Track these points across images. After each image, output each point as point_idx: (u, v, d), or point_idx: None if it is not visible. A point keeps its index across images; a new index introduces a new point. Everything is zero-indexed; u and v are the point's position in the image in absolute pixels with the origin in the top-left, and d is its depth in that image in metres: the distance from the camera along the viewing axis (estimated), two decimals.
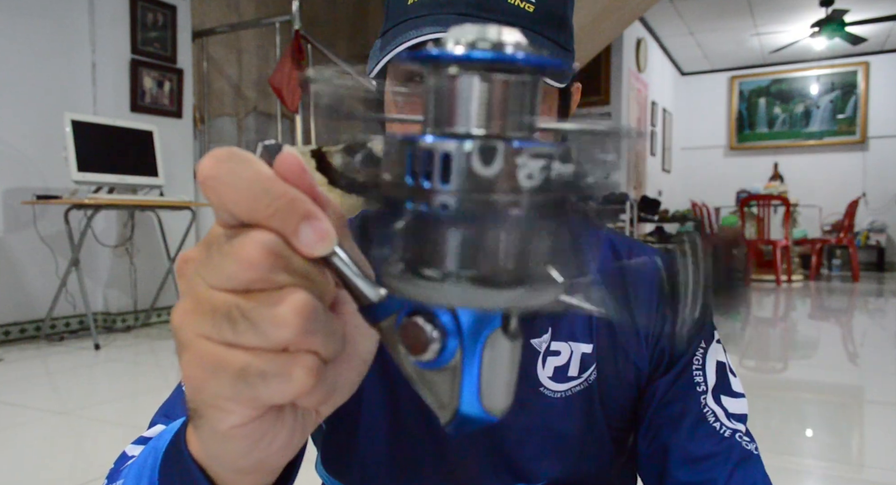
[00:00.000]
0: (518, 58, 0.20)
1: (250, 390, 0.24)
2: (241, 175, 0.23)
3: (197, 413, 0.27)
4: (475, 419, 0.24)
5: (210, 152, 0.24)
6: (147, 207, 3.70)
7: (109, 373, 2.97)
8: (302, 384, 0.24)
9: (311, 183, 0.25)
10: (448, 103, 0.21)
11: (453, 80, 0.21)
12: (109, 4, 3.91)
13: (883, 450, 1.99)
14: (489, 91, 0.20)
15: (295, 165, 0.24)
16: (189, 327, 0.25)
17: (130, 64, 4.01)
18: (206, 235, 0.26)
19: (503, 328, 0.23)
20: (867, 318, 4.79)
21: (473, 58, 0.20)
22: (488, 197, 0.20)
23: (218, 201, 0.24)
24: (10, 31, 3.52)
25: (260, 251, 0.23)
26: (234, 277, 0.24)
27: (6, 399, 2.45)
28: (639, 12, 5.23)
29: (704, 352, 0.60)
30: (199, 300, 0.24)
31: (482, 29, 0.21)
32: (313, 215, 0.24)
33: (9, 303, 3.52)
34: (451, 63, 0.20)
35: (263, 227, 0.24)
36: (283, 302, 0.24)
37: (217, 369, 0.24)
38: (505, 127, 0.21)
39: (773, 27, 7.77)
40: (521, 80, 0.21)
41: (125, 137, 3.64)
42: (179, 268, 0.26)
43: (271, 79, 4.44)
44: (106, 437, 2.07)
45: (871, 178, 8.55)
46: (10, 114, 3.52)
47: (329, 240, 0.24)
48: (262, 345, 0.24)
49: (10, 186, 3.54)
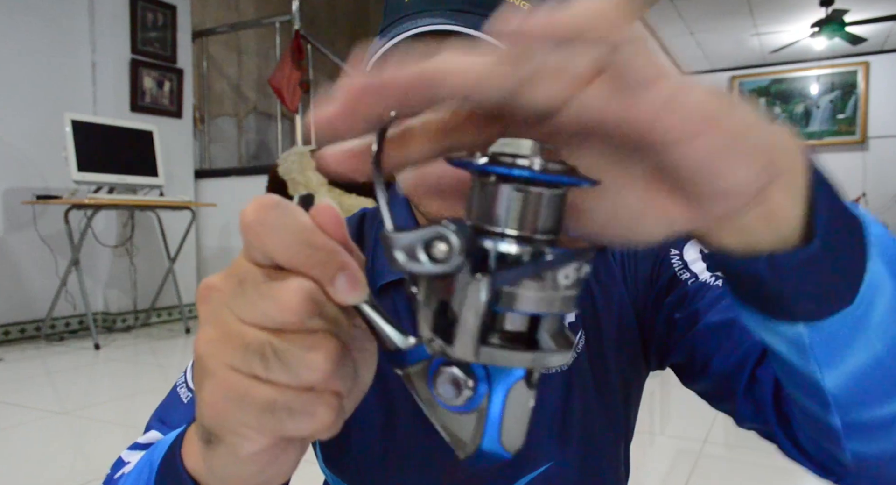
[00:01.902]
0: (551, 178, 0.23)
1: (276, 423, 0.26)
2: (286, 224, 0.25)
3: (217, 437, 0.28)
4: (493, 456, 0.26)
5: (256, 199, 0.26)
6: (147, 207, 3.70)
7: (109, 373, 2.97)
8: (324, 422, 0.26)
9: (345, 234, 0.27)
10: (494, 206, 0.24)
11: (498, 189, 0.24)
12: (109, 4, 3.91)
13: None
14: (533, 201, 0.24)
15: (333, 217, 0.26)
16: (216, 357, 0.26)
17: (130, 64, 4.02)
18: (233, 267, 0.27)
19: (526, 378, 0.26)
20: None
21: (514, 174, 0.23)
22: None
23: (260, 245, 0.25)
24: (10, 31, 3.52)
25: (300, 297, 0.25)
26: (271, 318, 0.25)
27: (6, 399, 2.45)
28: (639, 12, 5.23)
29: (680, 253, 0.60)
30: (229, 333, 0.26)
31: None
32: (348, 266, 0.26)
33: (9, 303, 3.52)
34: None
35: (301, 273, 0.25)
36: (318, 348, 0.25)
37: (244, 400, 0.26)
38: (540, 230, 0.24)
39: (773, 27, 7.78)
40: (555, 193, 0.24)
41: (125, 136, 3.64)
42: (203, 294, 0.27)
43: (271, 79, 4.45)
44: (106, 437, 2.07)
45: (871, 178, 8.55)
46: (10, 114, 3.52)
47: (362, 290, 0.26)
48: (292, 383, 0.25)
49: (10, 186, 3.54)
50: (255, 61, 5.58)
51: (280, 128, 5.16)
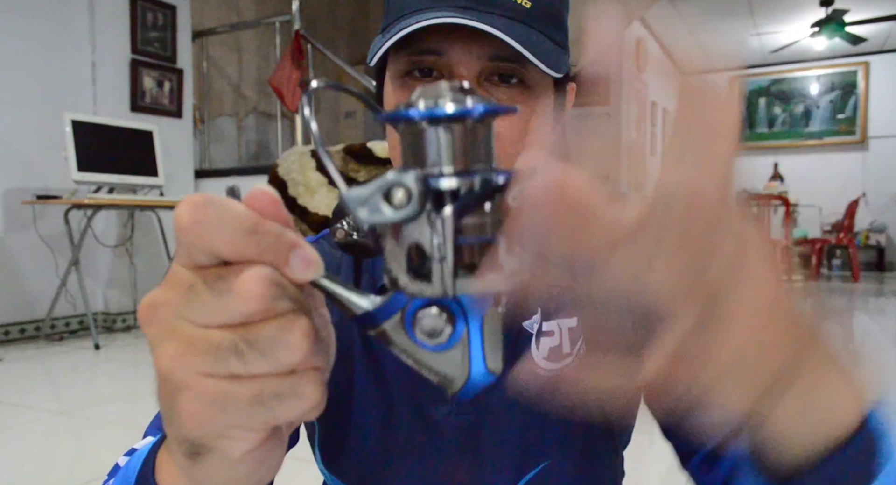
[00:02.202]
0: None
1: (267, 413, 0.26)
2: (225, 218, 0.24)
3: (204, 448, 0.27)
4: (482, 383, 0.28)
5: (184, 200, 0.25)
6: (147, 206, 3.70)
7: (109, 373, 2.97)
8: (314, 399, 0.26)
9: (285, 214, 0.27)
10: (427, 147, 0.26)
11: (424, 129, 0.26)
12: (109, 4, 3.91)
13: None
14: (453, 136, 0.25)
15: (269, 200, 0.26)
16: (185, 369, 0.25)
17: (130, 64, 4.01)
18: (171, 278, 0.26)
19: (494, 304, 0.27)
20: (867, 318, 4.79)
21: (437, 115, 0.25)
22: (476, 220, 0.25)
23: (202, 245, 0.25)
24: (10, 31, 3.52)
25: (262, 284, 0.24)
26: (235, 312, 0.25)
27: (6, 399, 2.45)
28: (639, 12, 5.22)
29: None
30: (192, 341, 0.25)
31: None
32: (299, 245, 0.26)
33: (9, 303, 3.52)
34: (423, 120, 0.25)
35: (253, 261, 0.25)
36: (293, 328, 0.25)
37: (228, 401, 0.25)
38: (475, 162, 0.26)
39: (773, 27, 7.78)
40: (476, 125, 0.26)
41: (125, 136, 3.64)
42: (146, 315, 0.26)
43: (271, 79, 4.45)
44: (106, 437, 2.07)
45: (871, 178, 8.55)
46: (10, 114, 3.52)
47: (317, 264, 0.26)
48: (274, 370, 0.25)
49: (10, 186, 3.54)
50: (255, 61, 5.58)
51: (280, 128, 5.16)
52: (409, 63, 0.54)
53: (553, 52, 0.54)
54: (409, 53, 0.54)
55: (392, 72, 0.56)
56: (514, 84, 0.54)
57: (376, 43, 0.55)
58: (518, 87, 0.55)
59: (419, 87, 0.25)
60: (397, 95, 0.56)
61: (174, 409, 0.26)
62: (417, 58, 0.54)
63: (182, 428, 0.27)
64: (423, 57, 0.54)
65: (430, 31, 0.51)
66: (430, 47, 0.53)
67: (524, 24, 0.53)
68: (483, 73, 0.54)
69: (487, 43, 0.52)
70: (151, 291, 0.27)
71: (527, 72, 0.54)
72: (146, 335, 0.27)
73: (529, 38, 0.51)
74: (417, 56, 0.54)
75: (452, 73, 0.54)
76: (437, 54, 0.53)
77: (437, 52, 0.53)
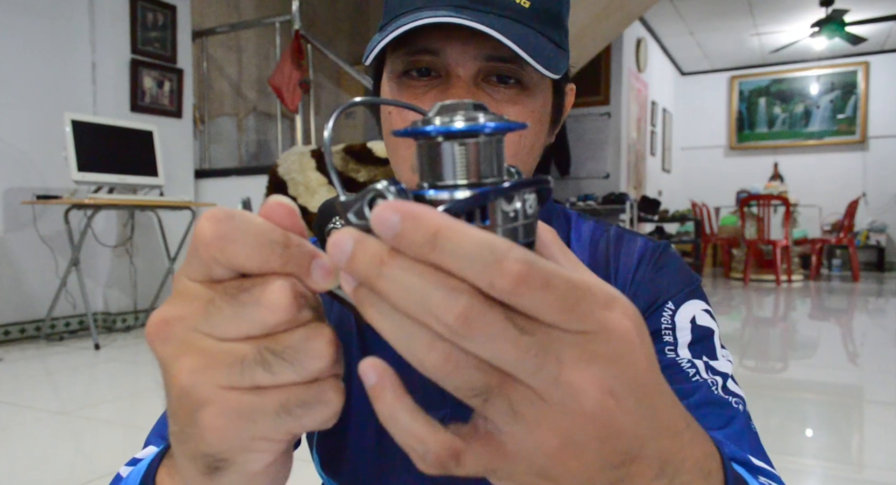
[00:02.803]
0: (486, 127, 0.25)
1: (294, 422, 0.26)
2: (248, 231, 0.25)
3: (225, 462, 0.27)
4: None
5: (205, 215, 0.25)
6: (147, 207, 3.70)
7: (109, 373, 2.97)
8: (337, 405, 0.27)
9: (302, 224, 0.27)
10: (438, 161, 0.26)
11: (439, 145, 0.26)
12: (109, 4, 3.91)
13: (883, 450, 1.99)
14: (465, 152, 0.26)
15: (287, 212, 0.26)
16: (208, 383, 0.25)
17: (130, 64, 4.02)
18: (183, 294, 0.26)
19: None
20: (867, 318, 4.79)
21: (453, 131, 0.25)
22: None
23: (225, 258, 0.25)
24: (10, 31, 3.52)
25: (288, 295, 0.25)
26: (261, 323, 0.25)
27: (6, 399, 2.45)
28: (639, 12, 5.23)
29: (673, 311, 0.58)
30: (214, 355, 0.25)
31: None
32: (318, 255, 0.26)
33: (9, 303, 3.52)
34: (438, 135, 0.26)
35: (276, 273, 0.25)
36: (318, 336, 0.25)
37: (254, 413, 0.25)
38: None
39: (773, 27, 7.78)
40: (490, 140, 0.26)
41: (125, 137, 3.64)
42: (159, 332, 0.26)
43: (271, 79, 4.45)
44: (106, 437, 2.07)
45: (871, 178, 8.55)
46: (10, 114, 3.52)
47: (336, 274, 0.26)
48: (300, 379, 0.25)
49: (10, 186, 3.54)
50: (255, 61, 5.58)
51: (280, 128, 5.16)
52: (406, 62, 0.54)
53: (551, 53, 0.53)
54: (406, 53, 0.54)
55: (389, 71, 0.56)
56: (511, 84, 0.54)
57: (373, 41, 0.55)
58: (516, 88, 0.54)
59: (437, 102, 0.26)
60: (394, 94, 0.56)
61: (195, 424, 0.26)
62: (414, 57, 0.54)
63: (203, 443, 0.27)
64: (420, 56, 0.53)
65: (428, 31, 0.51)
66: (427, 47, 0.53)
67: (522, 25, 0.52)
68: (480, 73, 0.53)
69: (485, 43, 0.51)
70: (158, 308, 0.27)
71: (525, 72, 0.53)
72: (157, 353, 0.27)
73: (527, 39, 0.51)
74: (414, 55, 0.54)
75: (450, 73, 0.53)
76: (434, 54, 0.53)
77: (434, 51, 0.53)
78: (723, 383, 0.53)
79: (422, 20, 0.49)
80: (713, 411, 0.51)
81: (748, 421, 0.52)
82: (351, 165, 3.44)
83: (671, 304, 0.58)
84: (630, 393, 0.23)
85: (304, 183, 3.51)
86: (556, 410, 0.23)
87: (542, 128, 0.58)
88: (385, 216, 0.21)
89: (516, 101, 0.54)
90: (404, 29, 0.50)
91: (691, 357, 0.55)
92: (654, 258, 0.61)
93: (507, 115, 0.54)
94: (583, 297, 0.22)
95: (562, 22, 0.57)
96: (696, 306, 0.59)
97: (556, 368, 0.22)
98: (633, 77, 7.29)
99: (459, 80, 0.53)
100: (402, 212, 0.21)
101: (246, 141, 5.58)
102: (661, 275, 0.60)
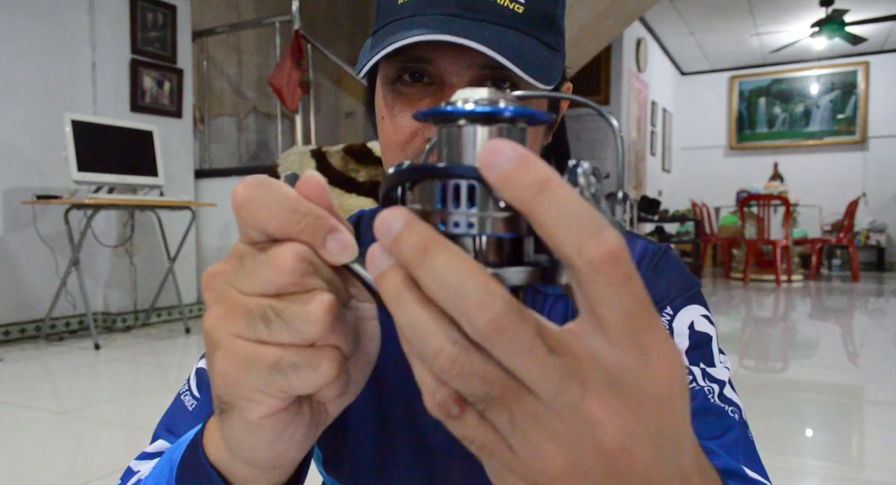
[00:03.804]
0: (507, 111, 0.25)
1: (284, 380, 0.28)
2: (273, 198, 0.27)
3: (228, 405, 0.30)
4: None
5: (243, 181, 0.28)
6: (147, 206, 3.70)
7: (109, 373, 2.97)
8: (328, 374, 0.28)
9: (330, 201, 0.29)
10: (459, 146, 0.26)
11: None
12: (109, 4, 3.91)
13: (883, 450, 1.99)
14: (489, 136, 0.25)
15: (317, 187, 0.29)
16: (222, 329, 0.28)
17: (130, 64, 4.02)
18: (232, 251, 0.29)
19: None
20: (867, 318, 4.79)
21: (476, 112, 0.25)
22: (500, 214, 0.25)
23: (252, 221, 0.28)
24: (10, 31, 3.52)
25: (294, 259, 0.27)
26: (270, 282, 0.27)
27: (6, 399, 2.45)
28: (639, 12, 5.23)
29: (672, 316, 0.57)
30: (233, 305, 0.28)
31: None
32: (337, 229, 0.28)
33: (9, 303, 3.52)
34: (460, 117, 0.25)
35: (294, 240, 0.28)
36: (314, 301, 0.27)
37: (251, 363, 0.28)
38: None
39: (773, 27, 7.78)
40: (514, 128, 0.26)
41: (125, 136, 3.64)
42: (207, 282, 0.30)
43: (271, 79, 4.45)
44: (106, 437, 2.07)
45: (871, 178, 8.55)
46: (10, 114, 3.52)
47: (351, 250, 0.28)
48: (294, 340, 0.27)
49: (10, 186, 3.54)
50: (255, 61, 5.58)
51: (280, 128, 5.16)
52: (399, 69, 0.54)
53: (545, 60, 0.53)
54: (399, 61, 0.54)
55: (383, 77, 0.56)
56: (506, 89, 0.54)
57: (364, 54, 0.55)
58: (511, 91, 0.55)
59: (458, 90, 0.26)
60: (388, 100, 0.56)
61: (212, 366, 0.29)
62: (408, 65, 0.54)
63: (214, 385, 0.30)
64: (414, 64, 0.54)
65: (420, 43, 0.51)
66: (420, 56, 0.53)
67: (516, 31, 0.52)
68: (474, 80, 0.54)
69: (477, 52, 0.51)
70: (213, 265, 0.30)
71: (519, 77, 0.53)
72: (205, 299, 0.30)
73: (521, 48, 0.51)
74: (408, 63, 0.54)
75: (443, 82, 0.54)
76: (428, 63, 0.53)
77: (428, 60, 0.53)
78: (719, 391, 0.53)
79: (412, 38, 0.49)
80: (708, 420, 0.50)
81: (744, 430, 0.52)
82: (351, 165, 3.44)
83: (670, 309, 0.58)
84: (652, 440, 0.22)
85: None
86: (567, 434, 0.22)
87: (539, 128, 0.58)
88: (495, 160, 0.21)
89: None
90: (394, 46, 0.50)
91: (688, 364, 0.55)
92: (654, 262, 0.60)
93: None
94: (641, 327, 0.21)
95: (556, 23, 0.57)
96: (695, 312, 0.58)
97: (578, 396, 0.21)
98: (633, 77, 7.29)
99: (453, 88, 0.53)
100: (517, 153, 0.21)
101: (246, 141, 5.58)
102: (661, 279, 0.59)
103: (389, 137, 0.56)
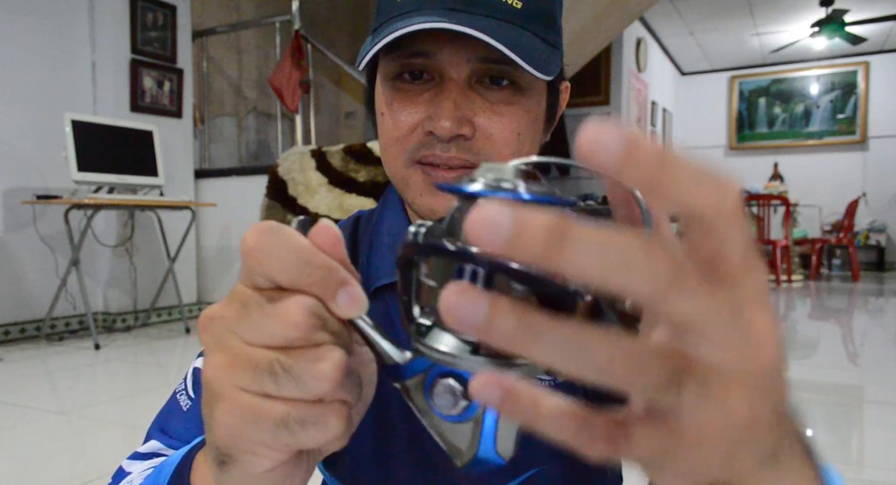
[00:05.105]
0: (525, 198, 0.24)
1: (290, 436, 0.27)
2: (284, 247, 0.26)
3: (231, 458, 0.29)
4: (489, 463, 0.27)
5: (253, 226, 0.27)
6: (147, 206, 3.70)
7: (109, 373, 2.97)
8: (336, 430, 0.28)
9: (344, 253, 0.28)
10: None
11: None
12: (109, 4, 3.91)
13: (883, 450, 1.99)
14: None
15: (331, 237, 0.28)
16: (226, 380, 0.27)
17: (130, 64, 4.02)
18: (232, 295, 0.28)
19: None
20: (867, 318, 4.79)
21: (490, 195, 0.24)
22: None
23: (261, 269, 0.27)
24: (10, 31, 3.52)
25: (304, 314, 0.26)
26: (277, 336, 0.26)
27: (6, 399, 2.45)
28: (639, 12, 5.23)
29: None
30: (237, 356, 0.27)
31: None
32: (348, 283, 0.27)
33: (9, 303, 3.52)
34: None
35: (303, 292, 0.27)
36: (325, 359, 0.26)
37: (257, 418, 0.27)
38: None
39: (773, 27, 7.78)
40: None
41: (125, 136, 3.64)
42: (204, 324, 0.28)
43: (271, 79, 4.45)
44: (106, 437, 2.07)
45: (871, 178, 8.55)
46: (10, 114, 3.52)
47: (361, 304, 0.27)
48: (302, 397, 0.27)
49: (10, 186, 3.54)
50: (255, 61, 5.58)
51: (280, 128, 5.16)
52: (399, 65, 0.54)
53: (544, 54, 0.53)
54: (398, 56, 0.54)
55: (383, 74, 0.56)
56: (505, 85, 0.54)
57: (365, 46, 0.55)
58: (509, 89, 0.54)
59: (483, 163, 0.25)
60: (388, 97, 0.56)
61: (212, 416, 0.28)
62: (407, 60, 0.54)
63: (214, 436, 0.29)
64: (413, 59, 0.54)
65: (419, 35, 0.51)
66: (420, 50, 0.53)
67: (514, 25, 0.52)
68: (474, 74, 0.54)
69: (477, 45, 0.51)
70: (215, 303, 0.29)
71: (518, 73, 0.53)
72: (202, 343, 0.29)
73: (519, 41, 0.51)
74: (407, 59, 0.54)
75: (443, 76, 0.54)
76: (427, 57, 0.53)
77: (427, 54, 0.53)
78: None
79: (412, 26, 0.49)
80: None
81: None
82: (351, 165, 3.44)
83: None
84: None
85: (304, 183, 3.51)
86: (739, 372, 0.20)
87: (537, 127, 0.58)
88: (607, 141, 0.19)
89: (511, 101, 0.54)
90: (395, 35, 0.50)
91: None
92: None
93: (502, 115, 0.54)
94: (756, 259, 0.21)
95: (554, 20, 0.57)
96: None
97: (747, 314, 0.20)
98: (633, 77, 7.29)
99: (452, 82, 0.53)
100: (627, 137, 0.19)
101: (246, 141, 5.58)
102: None
103: (389, 133, 0.56)
